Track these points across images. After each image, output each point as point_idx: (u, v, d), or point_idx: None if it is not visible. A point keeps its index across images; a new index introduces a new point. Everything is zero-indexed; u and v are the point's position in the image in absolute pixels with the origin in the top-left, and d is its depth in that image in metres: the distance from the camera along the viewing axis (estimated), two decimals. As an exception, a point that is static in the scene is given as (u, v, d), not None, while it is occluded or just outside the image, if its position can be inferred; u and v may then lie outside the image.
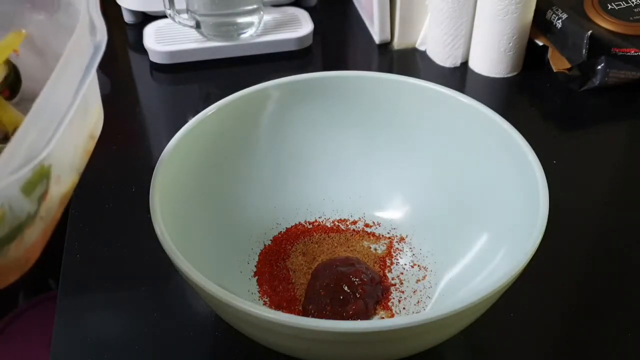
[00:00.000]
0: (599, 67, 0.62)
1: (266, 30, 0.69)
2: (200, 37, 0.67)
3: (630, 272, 0.45)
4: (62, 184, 0.30)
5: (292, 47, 0.69)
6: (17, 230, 0.27)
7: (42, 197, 0.28)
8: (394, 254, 0.45)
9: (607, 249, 0.48)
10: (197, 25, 0.67)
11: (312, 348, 0.33)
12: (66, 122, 0.27)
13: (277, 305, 0.42)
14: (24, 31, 0.37)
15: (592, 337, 0.41)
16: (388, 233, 0.47)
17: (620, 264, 0.46)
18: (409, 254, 0.45)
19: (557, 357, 0.41)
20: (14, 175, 0.24)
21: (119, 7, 0.73)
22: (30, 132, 0.25)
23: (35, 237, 0.29)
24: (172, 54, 0.66)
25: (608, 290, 0.44)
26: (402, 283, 0.43)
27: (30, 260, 0.30)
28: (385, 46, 0.71)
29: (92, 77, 0.30)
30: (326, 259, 0.44)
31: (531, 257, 0.33)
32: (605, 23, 0.62)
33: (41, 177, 0.28)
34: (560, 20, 0.63)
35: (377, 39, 0.70)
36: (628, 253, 0.47)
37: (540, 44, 0.65)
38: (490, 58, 0.65)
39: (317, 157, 0.48)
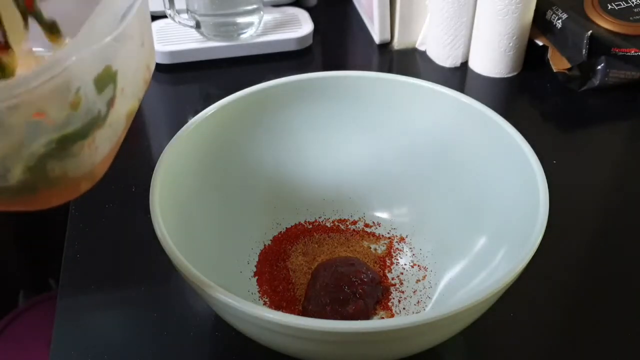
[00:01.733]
0: (599, 67, 0.62)
1: (266, 30, 0.69)
2: (200, 37, 0.68)
3: (631, 272, 0.45)
4: (126, 102, 0.32)
5: (292, 47, 0.69)
6: (90, 127, 0.29)
7: (110, 102, 0.30)
8: (394, 254, 0.45)
9: (607, 248, 0.48)
10: (197, 25, 0.67)
11: (312, 348, 0.33)
12: (129, 20, 0.30)
13: (277, 305, 0.42)
14: None
15: (592, 337, 0.41)
16: (388, 233, 0.47)
17: (621, 264, 0.46)
18: (409, 254, 0.45)
19: (557, 357, 0.41)
20: (91, 46, 0.27)
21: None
22: (97, 25, 0.28)
23: (105, 145, 0.31)
24: (172, 54, 0.66)
25: (608, 290, 0.44)
26: (402, 283, 0.43)
27: (101, 170, 0.33)
28: (385, 46, 0.71)
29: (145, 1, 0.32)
30: (326, 259, 0.44)
31: (531, 257, 0.33)
32: (605, 23, 0.62)
33: (109, 78, 0.30)
34: (560, 20, 0.63)
35: (377, 39, 0.70)
36: (628, 253, 0.47)
37: (540, 44, 0.65)
38: (490, 58, 0.65)
39: (317, 157, 0.48)
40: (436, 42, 0.67)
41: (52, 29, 0.36)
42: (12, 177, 0.27)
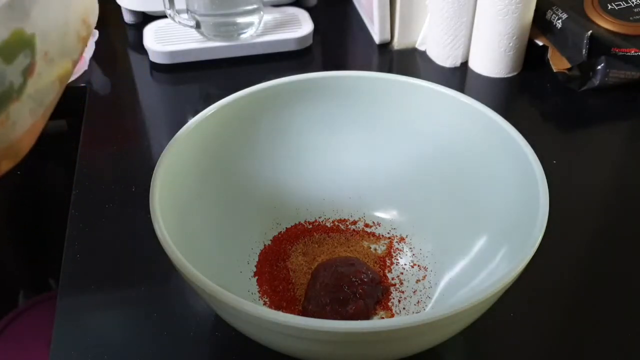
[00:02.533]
0: (599, 67, 0.62)
1: (266, 30, 0.69)
2: (200, 37, 0.67)
3: (631, 271, 0.45)
4: (55, 66, 0.29)
5: (292, 47, 0.69)
6: (1, 102, 0.26)
7: (27, 71, 0.27)
8: (394, 254, 0.45)
9: (607, 248, 0.48)
10: (197, 25, 0.67)
11: (312, 348, 0.33)
12: None
13: (277, 305, 0.42)
14: None
15: (592, 337, 0.41)
16: (388, 233, 0.47)
17: (621, 263, 0.46)
18: (409, 254, 0.45)
19: (557, 357, 0.41)
20: None
21: (118, 7, 0.73)
22: None
23: (26, 119, 0.28)
24: (172, 54, 0.66)
25: (608, 290, 0.44)
26: (402, 283, 0.43)
27: (24, 147, 0.29)
28: (385, 46, 0.71)
29: None
30: (326, 259, 0.44)
31: (531, 257, 0.33)
32: (605, 23, 0.62)
33: (22, 45, 0.26)
34: (560, 20, 0.63)
35: (377, 39, 0.70)
36: (628, 253, 0.47)
37: (540, 44, 0.65)
38: (490, 58, 0.65)
39: (317, 157, 0.48)
40: (436, 42, 0.67)
41: None
42: None
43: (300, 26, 0.70)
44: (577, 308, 0.43)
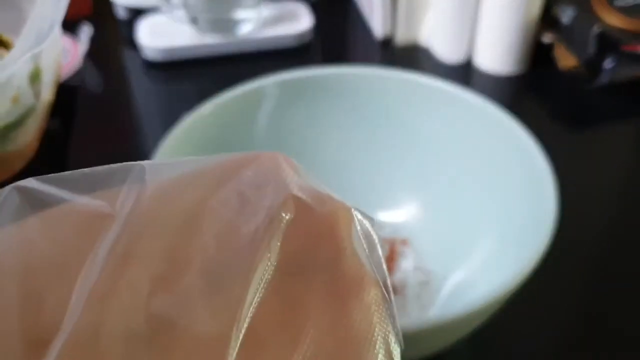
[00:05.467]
0: (608, 64, 0.60)
1: (265, 26, 0.68)
2: (197, 33, 0.66)
3: (642, 276, 0.44)
4: (45, 94, 0.41)
5: (292, 43, 0.68)
6: (24, 117, 0.36)
7: (38, 94, 0.38)
8: (396, 257, 0.44)
9: (618, 250, 0.47)
10: (194, 21, 0.65)
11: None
12: (55, 29, 0.38)
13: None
14: None
15: (597, 339, 0.40)
16: (390, 235, 0.45)
17: (631, 265, 0.45)
18: (412, 257, 0.44)
19: (560, 358, 0.40)
20: (32, 52, 0.35)
21: (111, 2, 0.72)
22: (32, 31, 0.36)
23: (33, 130, 0.40)
24: (167, 50, 0.65)
25: (617, 292, 0.43)
26: (404, 287, 0.42)
27: (32, 149, 0.42)
28: (387, 42, 0.70)
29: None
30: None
31: (539, 260, 0.32)
32: (614, 20, 0.61)
33: (37, 75, 0.37)
34: (567, 17, 0.62)
35: (378, 34, 0.69)
36: (639, 254, 0.46)
37: (547, 40, 0.64)
38: (496, 54, 0.64)
39: (316, 156, 0.47)
40: (440, 37, 0.66)
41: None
42: None
43: (300, 22, 0.69)
44: (584, 310, 0.42)
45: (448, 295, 0.41)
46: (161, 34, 0.66)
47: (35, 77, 0.37)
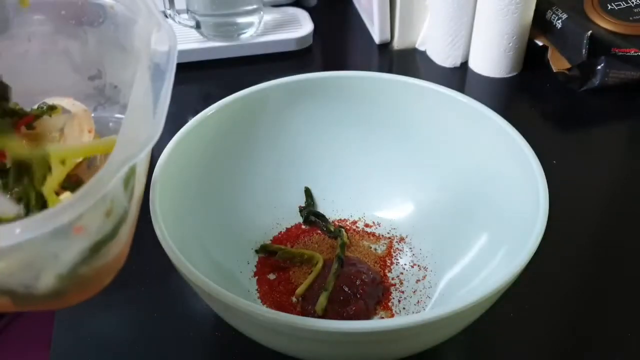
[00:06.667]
0: (599, 67, 0.62)
1: (266, 31, 0.69)
2: (200, 37, 0.67)
3: (631, 271, 0.45)
4: (139, 185, 0.32)
5: (292, 47, 0.69)
6: (118, 226, 0.29)
7: (131, 194, 0.30)
8: (394, 254, 0.45)
9: (607, 248, 0.48)
10: (197, 26, 0.67)
11: (312, 348, 0.33)
12: (162, 118, 0.30)
13: (277, 306, 0.42)
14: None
15: (593, 336, 0.41)
16: (388, 233, 0.47)
17: (621, 263, 0.46)
18: (409, 254, 0.45)
19: (557, 357, 0.41)
20: (125, 165, 0.26)
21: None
22: (130, 132, 0.28)
23: (126, 237, 0.31)
24: (172, 54, 0.66)
25: (608, 290, 0.44)
26: (402, 283, 0.43)
27: (123, 259, 0.32)
28: (385, 46, 0.71)
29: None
30: (326, 259, 0.44)
31: (531, 257, 0.33)
32: (605, 23, 0.62)
33: (132, 174, 0.30)
34: (560, 20, 0.63)
35: (377, 39, 0.70)
36: (629, 252, 0.47)
37: (540, 44, 0.65)
38: (490, 58, 0.65)
39: (317, 157, 0.48)
40: (436, 42, 0.67)
41: None
42: (42, 285, 0.27)
43: (300, 26, 0.70)
44: (577, 308, 0.43)
45: (444, 291, 0.42)
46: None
47: (128, 180, 0.29)
